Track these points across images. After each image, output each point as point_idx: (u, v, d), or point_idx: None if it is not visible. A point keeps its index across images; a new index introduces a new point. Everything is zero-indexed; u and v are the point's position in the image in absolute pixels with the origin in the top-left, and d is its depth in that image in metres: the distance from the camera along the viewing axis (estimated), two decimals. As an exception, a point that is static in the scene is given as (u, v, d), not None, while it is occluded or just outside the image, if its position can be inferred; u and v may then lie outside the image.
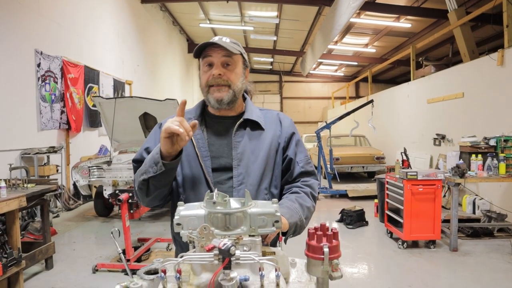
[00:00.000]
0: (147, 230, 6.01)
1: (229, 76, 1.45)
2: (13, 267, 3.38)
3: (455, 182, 4.85)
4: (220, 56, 1.44)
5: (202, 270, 0.97)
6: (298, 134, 1.62)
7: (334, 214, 6.96)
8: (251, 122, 1.53)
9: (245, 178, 1.45)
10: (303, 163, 1.56)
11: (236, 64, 1.48)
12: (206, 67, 1.47)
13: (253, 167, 1.46)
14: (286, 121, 1.62)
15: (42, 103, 6.90)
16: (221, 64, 1.44)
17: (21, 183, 4.05)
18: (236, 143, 1.48)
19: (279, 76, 25.83)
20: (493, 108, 6.87)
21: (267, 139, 1.52)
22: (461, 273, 4.22)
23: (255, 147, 1.49)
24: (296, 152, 1.57)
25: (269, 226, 1.07)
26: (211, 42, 1.43)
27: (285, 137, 1.57)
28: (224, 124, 1.53)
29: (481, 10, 7.80)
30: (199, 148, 1.47)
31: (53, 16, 7.37)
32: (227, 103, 1.46)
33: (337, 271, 0.98)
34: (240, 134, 1.50)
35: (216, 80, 1.43)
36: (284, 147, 1.56)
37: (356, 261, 4.68)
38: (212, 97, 1.45)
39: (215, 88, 1.44)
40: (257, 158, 1.48)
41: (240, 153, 1.46)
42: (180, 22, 16.00)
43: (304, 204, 1.46)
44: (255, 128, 1.53)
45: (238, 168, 1.45)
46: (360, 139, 12.53)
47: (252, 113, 1.55)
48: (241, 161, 1.46)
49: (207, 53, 1.46)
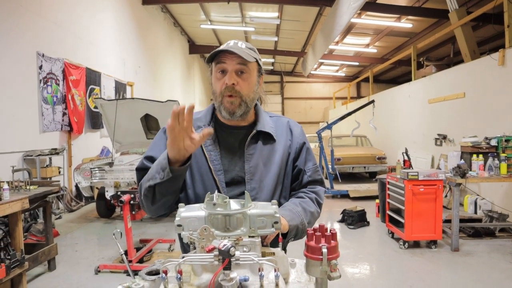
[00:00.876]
0: (149, 231, 6.03)
1: (242, 86, 1.39)
2: (16, 269, 3.40)
3: (456, 182, 4.86)
4: (235, 63, 1.37)
5: (202, 271, 0.98)
6: (308, 142, 1.59)
7: (335, 214, 6.97)
8: (263, 134, 1.48)
9: (259, 193, 1.42)
10: (311, 171, 1.54)
11: (251, 73, 1.42)
12: (219, 73, 1.40)
13: (265, 181, 1.43)
14: (296, 129, 1.58)
15: (44, 105, 6.93)
16: (235, 72, 1.38)
17: (24, 185, 4.07)
18: (248, 155, 1.44)
19: (280, 76, 25.84)
20: (494, 108, 6.87)
21: (279, 151, 1.49)
22: (463, 273, 4.22)
23: (267, 160, 1.46)
24: (306, 161, 1.54)
25: (269, 227, 1.08)
26: (225, 49, 1.35)
27: (296, 148, 1.54)
28: (236, 136, 1.48)
29: (482, 10, 7.80)
30: (211, 161, 1.42)
31: (55, 18, 7.40)
32: (239, 115, 1.42)
33: (336, 272, 0.99)
34: (252, 146, 1.46)
35: (229, 90, 1.37)
36: (295, 157, 1.53)
37: (358, 261, 4.69)
38: (225, 108, 1.40)
39: (227, 98, 1.39)
40: (269, 171, 1.45)
41: (253, 167, 1.43)
42: (181, 23, 16.03)
43: (308, 208, 1.45)
44: (267, 139, 1.49)
45: (251, 183, 1.42)
46: (361, 139, 12.53)
47: (264, 124, 1.50)
48: (254, 175, 1.42)
49: (220, 59, 1.38)
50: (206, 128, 1.22)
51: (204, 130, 1.19)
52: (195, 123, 1.47)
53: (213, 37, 17.49)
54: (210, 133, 1.20)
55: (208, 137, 1.24)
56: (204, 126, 1.47)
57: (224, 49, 1.35)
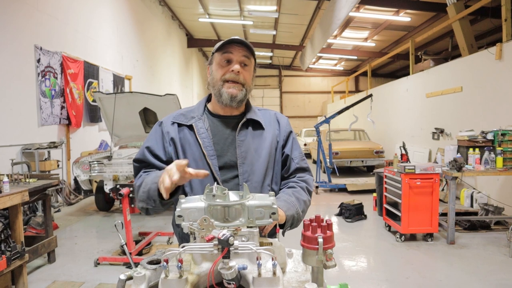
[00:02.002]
0: (148, 224, 6.07)
1: (245, 76, 1.51)
2: (17, 260, 3.44)
3: (452, 176, 4.90)
4: (241, 55, 1.49)
5: (202, 260, 1.02)
6: (293, 132, 1.70)
7: (333, 208, 7.02)
8: (252, 122, 1.59)
9: (250, 175, 1.50)
10: (298, 159, 1.64)
11: (251, 66, 1.55)
12: (224, 62, 1.50)
13: (257, 164, 1.52)
14: (283, 120, 1.69)
15: (42, 99, 6.93)
16: (239, 63, 1.49)
17: (23, 178, 4.09)
18: (240, 141, 1.53)
19: (278, 70, 25.81)
20: (491, 102, 6.91)
21: (268, 138, 1.59)
22: (458, 265, 4.28)
23: (257, 146, 1.55)
24: (292, 149, 1.64)
25: (266, 218, 1.11)
26: (237, 39, 1.46)
27: (284, 136, 1.64)
28: (227, 123, 1.58)
29: (480, 3, 7.80)
30: (205, 147, 1.50)
31: (53, 12, 7.37)
32: (239, 100, 1.51)
33: (331, 261, 1.03)
34: (243, 133, 1.56)
35: (234, 77, 1.48)
36: (283, 145, 1.64)
37: (355, 254, 4.74)
38: (227, 92, 1.49)
39: (230, 84, 1.49)
40: (260, 156, 1.54)
41: (244, 152, 1.52)
42: (179, 16, 15.97)
43: (301, 197, 1.53)
44: (256, 128, 1.59)
45: (243, 166, 1.50)
46: (359, 133, 12.57)
47: (253, 113, 1.61)
48: (246, 159, 1.51)
49: (228, 49, 1.49)
50: (203, 171, 1.25)
51: (200, 172, 1.23)
52: (188, 115, 1.58)
53: (212, 31, 17.42)
54: (206, 174, 1.25)
55: (204, 177, 1.27)
56: (197, 117, 1.56)
57: (234, 38, 1.47)
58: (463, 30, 8.76)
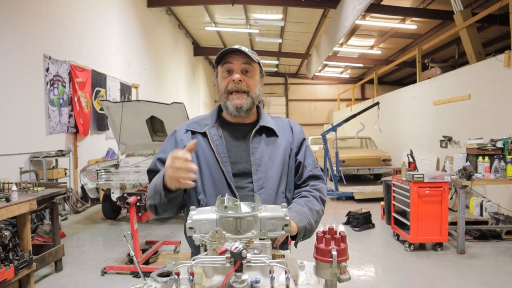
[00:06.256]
0: (155, 233, 6.05)
1: (248, 83, 1.50)
2: (24, 269, 3.44)
3: (462, 185, 4.84)
4: (240, 63, 1.48)
5: (214, 273, 1.00)
6: (307, 140, 1.69)
7: (340, 216, 6.96)
8: (266, 129, 1.58)
9: (265, 182, 1.49)
10: (311, 167, 1.62)
11: (254, 72, 1.53)
12: (226, 73, 1.51)
13: (271, 172, 1.51)
14: (296, 128, 1.69)
15: (50, 107, 6.99)
16: (241, 71, 1.49)
17: (31, 187, 4.11)
18: (253, 149, 1.53)
19: (284, 78, 25.85)
20: (500, 109, 6.84)
21: (282, 145, 1.58)
22: (469, 276, 4.21)
23: (271, 153, 1.55)
24: (305, 157, 1.63)
25: (279, 230, 1.10)
26: (233, 48, 1.47)
27: (297, 143, 1.63)
28: (240, 131, 1.58)
29: (488, 11, 7.78)
30: (219, 154, 1.50)
31: (61, 21, 7.46)
32: (245, 110, 1.50)
33: (345, 274, 1.01)
34: (257, 140, 1.55)
35: (236, 86, 1.48)
36: (296, 152, 1.63)
37: (363, 264, 4.68)
38: (232, 104, 1.49)
39: (234, 95, 1.48)
40: (274, 163, 1.53)
41: (258, 159, 1.51)
42: (186, 25, 16.10)
43: (313, 208, 1.50)
44: (270, 135, 1.58)
45: (257, 173, 1.49)
46: (366, 141, 12.50)
47: (266, 120, 1.60)
48: (260, 166, 1.50)
49: (227, 60, 1.49)
50: (193, 140, 1.30)
51: (191, 144, 1.27)
52: (202, 122, 1.59)
53: (218, 39, 17.53)
54: (195, 143, 1.28)
55: (195, 147, 1.31)
56: (210, 124, 1.57)
57: (230, 48, 1.47)
58: (471, 38, 8.72)
